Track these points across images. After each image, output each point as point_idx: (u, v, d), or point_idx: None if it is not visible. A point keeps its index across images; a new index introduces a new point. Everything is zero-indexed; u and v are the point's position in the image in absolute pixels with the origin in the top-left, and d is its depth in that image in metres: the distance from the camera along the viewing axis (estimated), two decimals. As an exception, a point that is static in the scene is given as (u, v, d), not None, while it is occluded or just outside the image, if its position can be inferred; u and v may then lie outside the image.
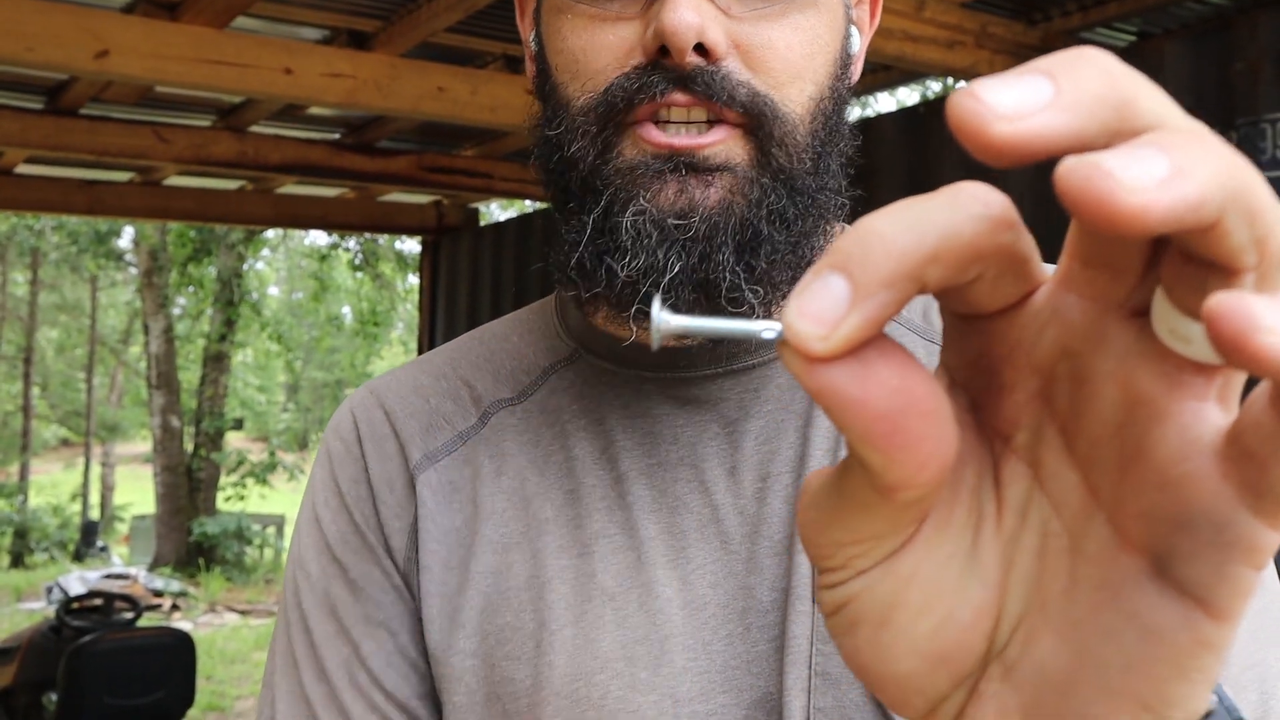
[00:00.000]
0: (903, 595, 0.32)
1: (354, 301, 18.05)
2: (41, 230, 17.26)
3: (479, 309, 6.19)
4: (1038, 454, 0.32)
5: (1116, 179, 0.24)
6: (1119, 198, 0.23)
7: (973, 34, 3.44)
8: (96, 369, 23.34)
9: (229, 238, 14.06)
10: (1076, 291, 0.30)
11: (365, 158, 5.24)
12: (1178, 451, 0.28)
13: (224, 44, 3.54)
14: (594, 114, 0.69)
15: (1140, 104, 0.27)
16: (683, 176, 0.67)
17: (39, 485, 22.73)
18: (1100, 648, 0.30)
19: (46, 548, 17.29)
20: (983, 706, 0.32)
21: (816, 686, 0.67)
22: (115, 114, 4.77)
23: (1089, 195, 0.24)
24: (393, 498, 0.80)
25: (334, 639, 0.79)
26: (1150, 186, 0.24)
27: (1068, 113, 0.26)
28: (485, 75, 4.04)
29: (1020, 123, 0.25)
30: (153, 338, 14.38)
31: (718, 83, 0.66)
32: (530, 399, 0.81)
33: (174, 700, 5.46)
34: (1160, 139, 0.25)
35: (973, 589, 0.32)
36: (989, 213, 0.28)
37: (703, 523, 0.73)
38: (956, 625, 0.32)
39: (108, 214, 6.03)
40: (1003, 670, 0.32)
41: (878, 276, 0.27)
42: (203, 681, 7.97)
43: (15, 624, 10.24)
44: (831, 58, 0.72)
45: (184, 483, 14.33)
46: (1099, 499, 0.30)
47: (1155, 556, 0.29)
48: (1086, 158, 0.24)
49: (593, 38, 0.70)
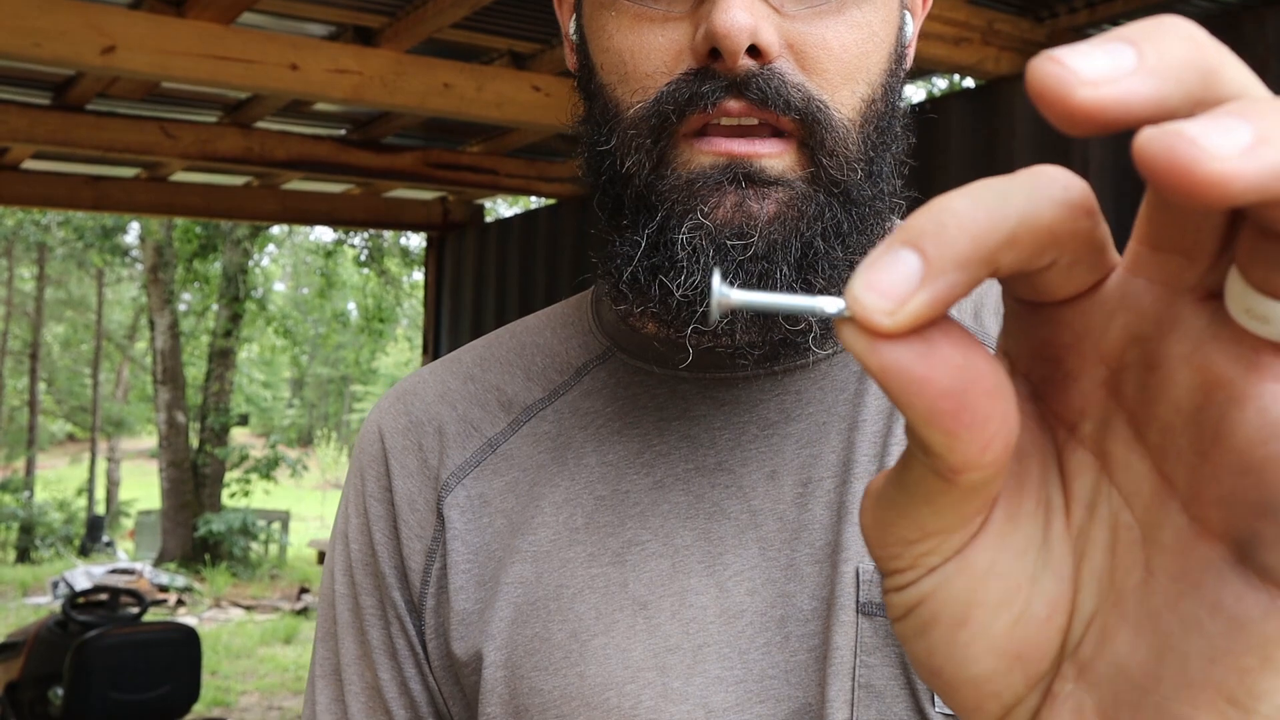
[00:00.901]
0: (981, 591, 0.31)
1: (359, 298, 18.05)
2: (48, 226, 17.28)
3: (484, 305, 6.19)
4: (1105, 444, 0.31)
5: (1200, 146, 0.23)
6: (1202, 165, 0.23)
7: (979, 30, 3.43)
8: (102, 365, 23.38)
9: (235, 233, 14.07)
10: (1146, 276, 0.29)
11: (371, 154, 5.24)
12: (1259, 434, 0.27)
13: (230, 40, 3.54)
14: (645, 125, 0.67)
15: (1225, 73, 0.26)
16: (741, 188, 0.65)
17: (45, 480, 22.78)
18: (1181, 641, 0.29)
19: (52, 543, 17.33)
20: (1058, 708, 0.31)
21: (860, 699, 0.66)
22: (121, 110, 4.77)
23: (1171, 163, 0.23)
24: (414, 517, 0.79)
25: (357, 662, 0.81)
26: (1234, 154, 0.23)
27: (1153, 78, 0.25)
28: (491, 71, 4.04)
29: (1105, 88, 0.25)
30: (158, 333, 14.40)
31: (772, 88, 0.65)
32: (562, 399, 0.80)
33: (179, 695, 5.48)
34: (1243, 108, 0.24)
35: (1047, 582, 0.31)
36: (1068, 197, 0.27)
37: (741, 528, 0.71)
38: (1033, 620, 0.31)
39: (114, 210, 6.04)
40: (1077, 670, 0.31)
41: (952, 256, 0.26)
42: (208, 677, 7.99)
43: (21, 619, 10.27)
44: (886, 53, 0.70)
45: (189, 478, 14.36)
46: (1173, 488, 0.29)
47: (1236, 544, 0.28)
48: (1168, 126, 0.24)
49: (640, 39, 0.67)
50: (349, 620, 0.81)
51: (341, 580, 0.82)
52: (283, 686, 8.64)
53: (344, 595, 0.82)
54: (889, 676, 0.66)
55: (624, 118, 0.69)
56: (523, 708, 0.72)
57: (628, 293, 0.70)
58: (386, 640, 0.79)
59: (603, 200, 0.72)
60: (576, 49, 0.76)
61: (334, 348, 23.91)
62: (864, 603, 0.67)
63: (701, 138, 0.67)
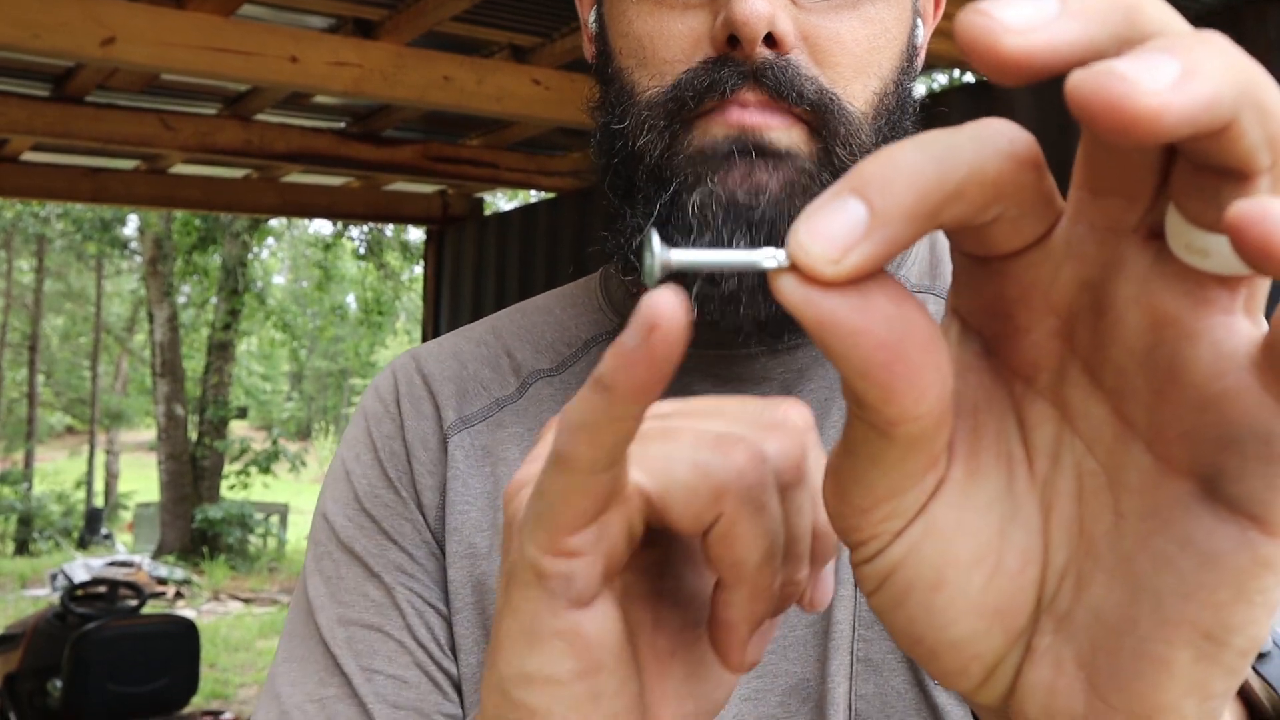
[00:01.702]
0: (951, 550, 0.31)
1: (358, 291, 18.06)
2: (47, 218, 17.27)
3: (483, 299, 6.18)
4: (1062, 393, 0.31)
5: (1131, 82, 0.23)
6: (1134, 100, 0.23)
7: (980, 25, 3.43)
8: (101, 357, 23.37)
9: (234, 226, 14.07)
10: (1088, 222, 0.29)
11: (371, 147, 5.24)
12: (1213, 368, 0.27)
13: (230, 32, 3.54)
14: (661, 109, 0.69)
15: (1146, 10, 0.26)
16: (751, 159, 0.67)
17: (43, 473, 22.78)
18: (1155, 579, 0.29)
19: (51, 535, 17.33)
20: (1038, 663, 0.31)
21: (859, 673, 0.67)
22: (121, 102, 4.76)
23: (1104, 100, 0.23)
24: (426, 456, 0.79)
25: (362, 584, 0.77)
26: (1165, 88, 0.23)
27: (1078, 21, 0.25)
28: (491, 65, 4.03)
29: (1032, 34, 0.25)
30: (157, 326, 14.40)
31: (786, 78, 0.66)
32: (569, 370, 0.81)
33: (178, 688, 5.48)
34: (1168, 43, 0.25)
35: (1016, 535, 0.31)
36: (1014, 150, 0.28)
37: None
38: (1006, 574, 0.31)
39: (113, 202, 6.03)
40: (1055, 622, 0.31)
41: (899, 206, 0.26)
42: (206, 669, 7.99)
43: (20, 610, 10.27)
44: (898, 51, 0.71)
45: (188, 471, 14.36)
46: (1134, 429, 0.30)
47: (1203, 478, 0.28)
48: (1097, 65, 0.24)
49: (660, 25, 0.69)
50: (353, 549, 0.78)
51: (344, 513, 0.80)
52: (281, 679, 8.63)
53: (345, 525, 0.79)
54: (887, 650, 0.67)
55: (640, 99, 0.70)
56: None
57: (637, 260, 0.71)
58: (400, 564, 0.77)
59: (614, 182, 0.73)
60: (595, 38, 0.77)
61: (332, 341, 23.92)
62: None
63: (713, 114, 0.68)
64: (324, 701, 0.74)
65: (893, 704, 0.66)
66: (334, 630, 0.76)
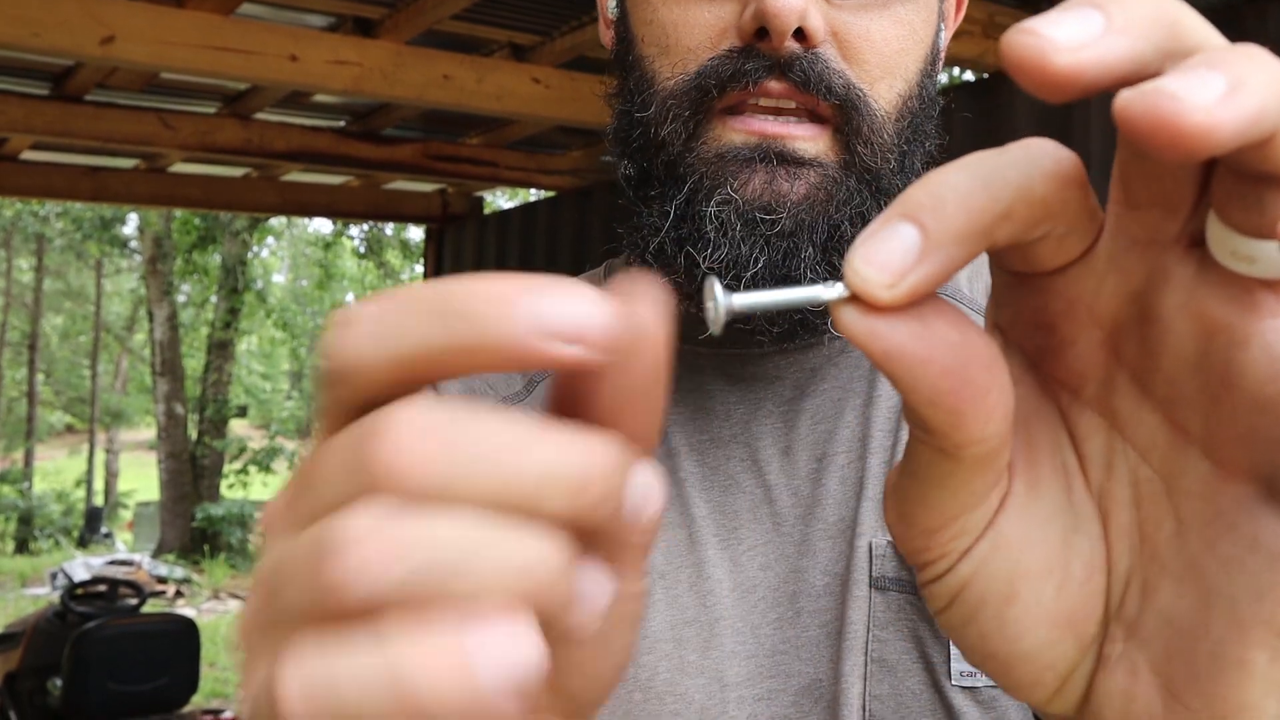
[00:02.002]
0: (1022, 562, 0.31)
1: (358, 289, 18.05)
2: (46, 217, 17.27)
3: (483, 297, 6.17)
4: (1111, 404, 0.31)
5: (1181, 99, 0.23)
6: (1185, 119, 0.23)
7: (980, 24, 3.43)
8: (101, 356, 23.37)
9: (234, 225, 14.07)
10: (1129, 235, 0.29)
11: (370, 145, 5.23)
12: (1267, 371, 0.27)
13: (229, 30, 3.54)
14: (684, 98, 0.68)
15: (1186, 24, 0.27)
16: (772, 166, 0.66)
17: (43, 471, 22.78)
18: (1226, 583, 0.29)
19: (51, 534, 17.34)
20: (1112, 670, 0.31)
21: (873, 674, 0.66)
22: (121, 100, 4.76)
23: (1154, 119, 0.23)
24: None
25: None
26: (1213, 104, 0.23)
27: (1125, 37, 0.26)
28: (491, 63, 4.03)
29: (1082, 52, 0.25)
30: (157, 325, 14.40)
31: (815, 71, 0.65)
32: None
33: (178, 686, 5.48)
34: (1212, 58, 0.25)
35: (1080, 544, 0.31)
36: (1060, 169, 0.28)
37: (755, 503, 0.72)
38: (1074, 583, 0.31)
39: (113, 201, 6.03)
40: (1125, 629, 0.31)
41: (951, 229, 0.27)
42: (206, 668, 7.99)
43: (20, 609, 10.27)
44: (924, 52, 0.71)
45: (188, 469, 14.36)
46: (1189, 435, 0.30)
47: (1264, 479, 0.28)
48: (1145, 85, 0.24)
49: (685, 13, 0.68)
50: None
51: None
52: (281, 678, 8.64)
53: None
54: (902, 650, 0.67)
55: (663, 88, 0.69)
56: None
57: (653, 263, 0.70)
58: None
59: (629, 170, 0.73)
60: (615, 24, 0.76)
61: (332, 340, 23.78)
62: (877, 577, 0.67)
63: (736, 115, 0.67)
64: None
65: (908, 705, 0.66)
66: None
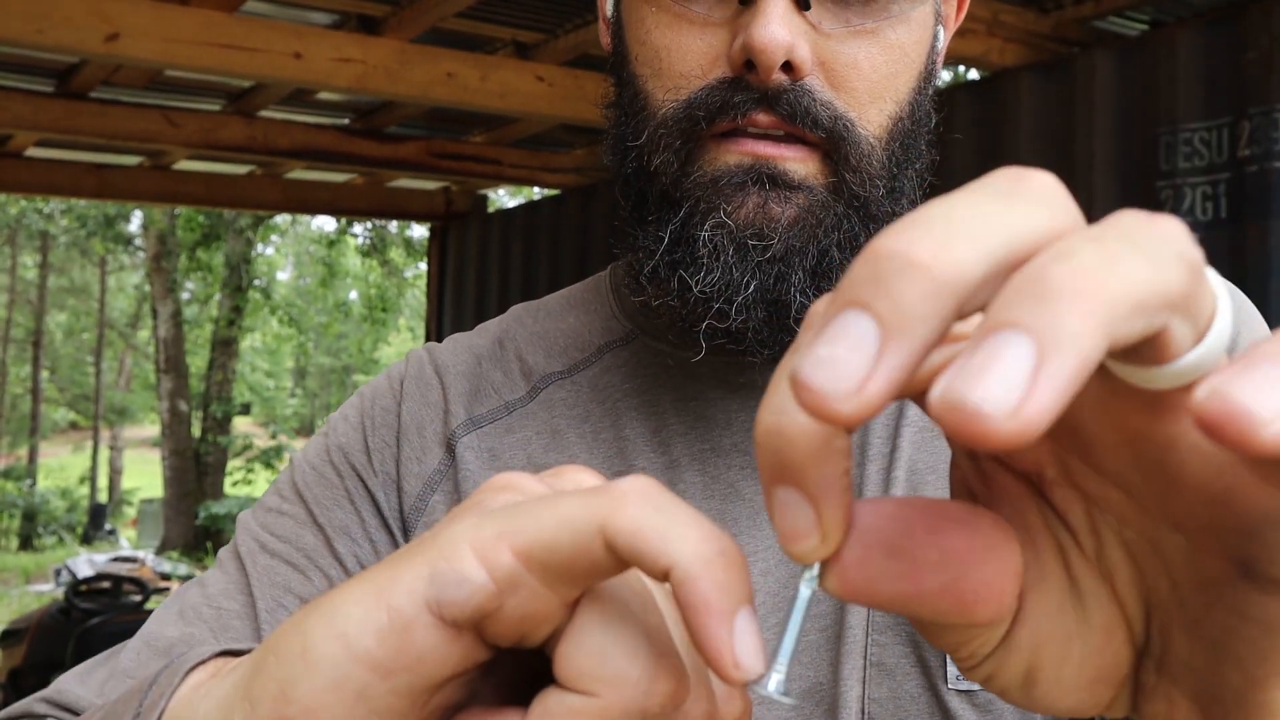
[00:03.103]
0: (1038, 660, 0.32)
1: (362, 287, 18.07)
2: (51, 214, 17.28)
3: (487, 296, 6.18)
4: (1075, 480, 0.31)
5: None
6: (1252, 433, 0.22)
7: (984, 22, 3.43)
8: (105, 353, 23.39)
9: (237, 222, 14.07)
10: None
11: (374, 143, 5.24)
12: (1206, 469, 0.26)
13: (234, 28, 3.54)
14: (675, 126, 0.68)
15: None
16: (764, 189, 0.66)
17: (47, 468, 22.82)
18: (1229, 644, 0.29)
19: (55, 530, 17.37)
20: (1150, 698, 0.32)
21: (872, 677, 0.67)
22: (125, 97, 4.77)
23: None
24: (419, 441, 0.79)
25: (299, 529, 0.77)
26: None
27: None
28: (495, 61, 4.03)
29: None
30: (161, 322, 14.41)
31: (802, 105, 0.66)
32: (582, 373, 0.80)
33: (181, 683, 5.48)
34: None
35: (1092, 616, 0.32)
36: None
37: (755, 510, 0.72)
38: (1094, 650, 0.32)
39: (117, 198, 6.04)
40: (1155, 665, 0.32)
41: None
42: (210, 664, 7.99)
43: (24, 606, 10.29)
44: (916, 72, 0.70)
45: (191, 467, 14.37)
46: (1156, 514, 0.29)
47: (1238, 562, 0.28)
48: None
49: (678, 39, 0.68)
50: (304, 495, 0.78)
51: (306, 462, 0.80)
52: (284, 675, 8.64)
53: (306, 473, 0.79)
54: (900, 654, 0.67)
55: (655, 115, 0.69)
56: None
57: (647, 285, 0.71)
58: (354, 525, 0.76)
59: (626, 190, 0.73)
60: (612, 30, 0.76)
61: (336, 337, 23.91)
62: None
63: (729, 138, 0.67)
64: (221, 612, 0.74)
65: (906, 708, 0.66)
66: (255, 557, 0.76)
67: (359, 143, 5.20)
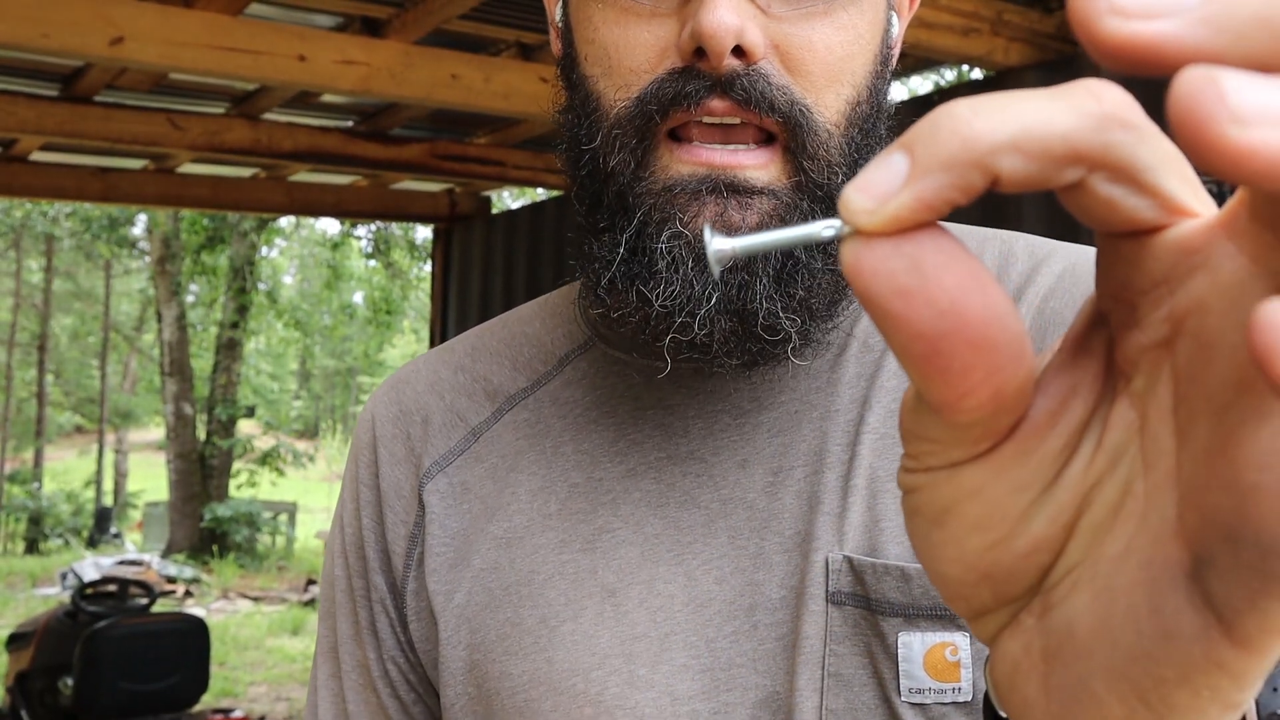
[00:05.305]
0: (959, 505, 0.30)
1: (366, 289, 18.08)
2: (55, 217, 17.32)
3: (491, 297, 6.19)
4: (1147, 407, 0.29)
5: (1229, 104, 0.21)
6: (1225, 131, 0.21)
7: (989, 21, 3.42)
8: (110, 356, 23.43)
9: (242, 225, 14.09)
10: (1237, 243, 0.26)
11: (378, 145, 5.24)
12: (1260, 458, 0.25)
13: (238, 31, 3.55)
14: (629, 125, 0.67)
15: None
16: (722, 197, 0.65)
17: (53, 472, 22.85)
18: (1120, 627, 0.28)
19: (61, 534, 17.40)
20: (1014, 635, 0.31)
21: (829, 687, 0.66)
22: (130, 101, 4.77)
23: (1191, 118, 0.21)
24: (399, 504, 0.81)
25: (351, 640, 0.83)
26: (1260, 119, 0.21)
27: (1205, 28, 0.22)
28: (499, 63, 4.04)
29: (1138, 24, 0.23)
30: (166, 325, 14.43)
31: (756, 89, 0.64)
32: (544, 388, 0.80)
33: (188, 685, 5.50)
34: None
35: (1037, 523, 0.30)
36: (1096, 107, 0.26)
37: (710, 517, 0.72)
38: (1010, 552, 0.30)
39: (122, 201, 6.05)
40: (1043, 608, 0.31)
41: (939, 155, 0.26)
42: (215, 668, 8.01)
43: (31, 609, 10.31)
44: (871, 55, 0.69)
45: (197, 469, 14.40)
46: (1179, 475, 0.28)
47: (1197, 558, 0.27)
48: (1209, 71, 0.22)
49: (625, 34, 0.67)
50: (344, 600, 0.84)
51: (339, 562, 0.85)
52: (290, 677, 8.67)
53: (340, 576, 0.84)
54: (857, 665, 0.66)
55: (608, 116, 0.68)
56: (491, 691, 0.72)
57: (605, 297, 0.70)
58: (370, 621, 0.82)
59: (580, 194, 0.72)
60: (561, 35, 0.75)
61: (340, 339, 23.93)
62: (833, 592, 0.67)
63: (681, 144, 0.66)
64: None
65: (862, 718, 0.65)
66: (331, 682, 0.85)
67: (363, 145, 5.21)
